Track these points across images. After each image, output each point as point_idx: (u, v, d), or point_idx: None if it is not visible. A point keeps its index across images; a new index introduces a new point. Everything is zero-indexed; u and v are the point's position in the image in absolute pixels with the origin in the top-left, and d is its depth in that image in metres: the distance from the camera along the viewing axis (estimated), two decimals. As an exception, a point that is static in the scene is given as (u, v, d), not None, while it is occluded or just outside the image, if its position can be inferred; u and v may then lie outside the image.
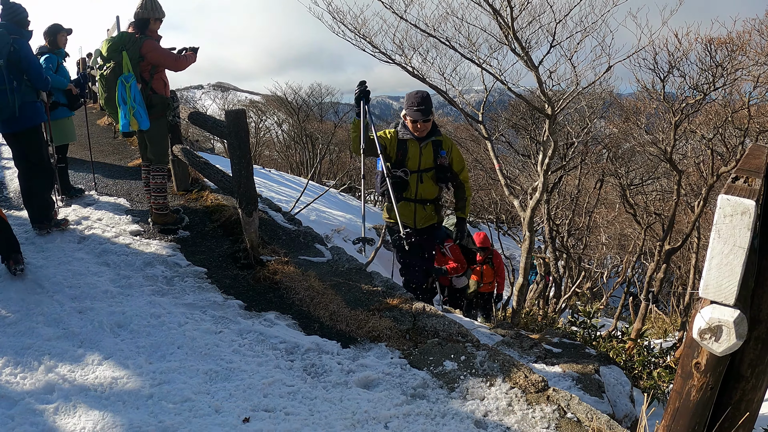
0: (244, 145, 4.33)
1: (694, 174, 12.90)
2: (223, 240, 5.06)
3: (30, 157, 4.73)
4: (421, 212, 4.50)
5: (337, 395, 2.80)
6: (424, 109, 4.25)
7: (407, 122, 4.36)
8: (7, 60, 4.35)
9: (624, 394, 3.69)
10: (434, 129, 4.45)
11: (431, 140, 4.41)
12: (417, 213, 4.50)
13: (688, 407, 1.54)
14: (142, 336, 3.33)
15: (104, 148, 8.91)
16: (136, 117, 4.64)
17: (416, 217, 4.50)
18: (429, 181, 4.43)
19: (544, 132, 7.69)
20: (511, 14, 5.97)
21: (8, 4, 4.55)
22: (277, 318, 3.69)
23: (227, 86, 64.43)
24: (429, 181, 4.43)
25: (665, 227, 11.02)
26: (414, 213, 4.49)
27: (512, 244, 18.84)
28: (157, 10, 4.80)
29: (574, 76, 6.58)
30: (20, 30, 4.53)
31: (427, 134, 4.39)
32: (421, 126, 4.30)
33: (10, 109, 4.43)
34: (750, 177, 1.44)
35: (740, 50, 8.33)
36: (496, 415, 2.65)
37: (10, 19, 4.52)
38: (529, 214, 7.06)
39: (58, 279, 4.06)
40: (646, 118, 11.86)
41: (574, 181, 15.28)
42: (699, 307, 1.41)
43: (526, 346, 4.32)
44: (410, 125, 4.34)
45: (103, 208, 5.72)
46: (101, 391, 2.76)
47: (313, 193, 10.20)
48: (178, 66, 4.94)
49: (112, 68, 4.60)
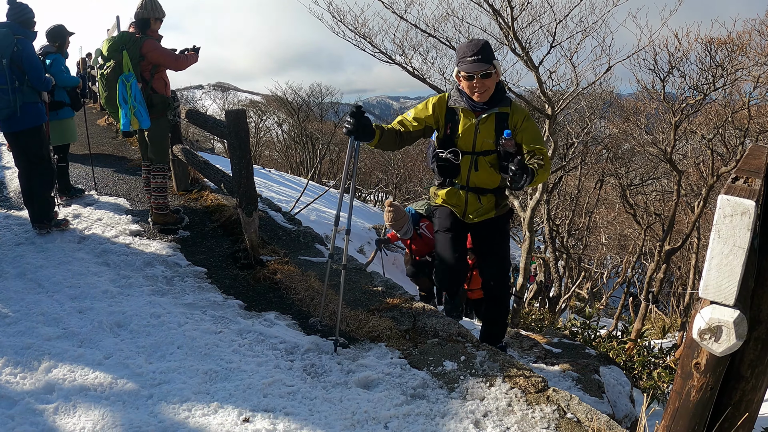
0: (244, 145, 4.33)
1: (694, 174, 12.91)
2: (223, 240, 5.06)
3: (30, 156, 4.75)
4: (475, 204, 3.41)
5: (336, 395, 2.80)
6: (482, 58, 3.06)
7: (461, 83, 3.21)
8: (10, 60, 4.37)
9: (624, 394, 3.68)
10: (500, 95, 3.24)
11: (494, 112, 3.21)
12: (469, 204, 3.42)
13: (687, 407, 1.54)
14: (141, 336, 3.33)
15: (104, 148, 8.91)
16: (137, 116, 4.64)
17: (467, 209, 3.44)
18: (487, 168, 3.28)
19: (544, 132, 7.70)
20: (512, 14, 5.98)
21: (15, 4, 4.57)
22: (277, 318, 3.69)
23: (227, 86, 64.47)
24: (486, 167, 3.28)
25: (665, 227, 11.02)
26: (465, 203, 3.43)
27: (512, 244, 18.84)
28: (158, 10, 4.81)
29: (574, 77, 6.59)
30: (25, 30, 4.55)
31: (490, 101, 3.20)
32: (479, 84, 3.10)
33: (11, 108, 4.45)
34: (750, 177, 1.44)
35: (740, 50, 8.34)
36: (496, 415, 2.65)
37: (15, 19, 4.54)
38: (529, 214, 7.07)
39: (58, 279, 4.06)
40: (646, 118, 11.87)
41: (574, 181, 15.29)
42: (699, 308, 1.41)
43: (525, 346, 4.33)
44: (465, 85, 3.17)
45: (103, 208, 5.72)
46: (101, 391, 2.76)
47: (313, 193, 10.21)
48: (178, 65, 4.95)
49: (113, 68, 4.61)
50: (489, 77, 3.11)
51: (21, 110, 4.50)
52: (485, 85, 3.12)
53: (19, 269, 4.23)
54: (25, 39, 4.48)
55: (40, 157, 4.76)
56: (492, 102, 3.20)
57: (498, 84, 3.23)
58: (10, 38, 4.38)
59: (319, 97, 30.01)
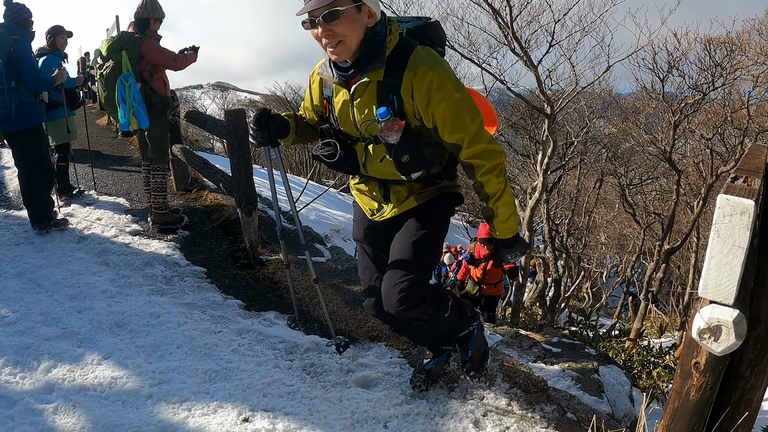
0: (243, 145, 4.33)
1: (694, 174, 12.92)
2: (223, 240, 5.05)
3: (29, 156, 4.75)
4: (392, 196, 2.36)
5: (336, 395, 2.80)
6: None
7: None
8: (6, 60, 4.37)
9: (623, 393, 3.69)
10: (374, 47, 2.03)
11: (369, 80, 2.07)
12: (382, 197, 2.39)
13: (687, 407, 1.54)
14: (141, 335, 3.33)
15: (104, 148, 8.90)
16: (136, 116, 4.64)
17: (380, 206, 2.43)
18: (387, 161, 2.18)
19: (543, 131, 7.70)
20: (511, 14, 5.98)
21: (11, 4, 4.58)
22: (277, 317, 3.69)
23: (227, 86, 64.40)
24: (382, 154, 2.21)
25: (664, 227, 11.03)
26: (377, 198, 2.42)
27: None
28: (157, 10, 4.81)
29: (573, 76, 6.59)
30: (22, 30, 4.56)
31: (358, 61, 2.05)
32: (325, 33, 1.97)
33: (6, 108, 4.46)
34: (749, 177, 1.44)
35: (739, 50, 8.34)
36: (495, 414, 2.65)
37: (12, 20, 4.55)
38: (528, 213, 7.07)
39: (57, 278, 4.06)
40: (645, 117, 11.88)
41: (573, 180, 15.30)
42: (698, 307, 1.41)
43: (525, 345, 4.33)
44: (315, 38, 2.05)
45: (103, 208, 5.72)
46: (101, 391, 2.76)
47: (312, 193, 10.20)
48: (177, 65, 4.94)
49: (112, 68, 4.61)
50: (335, 18, 1.92)
51: (17, 110, 4.51)
52: (335, 33, 1.95)
53: (19, 269, 4.23)
54: (21, 39, 4.49)
55: (39, 157, 4.76)
56: (361, 61, 2.04)
57: (375, 30, 2.03)
58: (6, 39, 4.40)
59: (318, 96, 29.97)
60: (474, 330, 2.74)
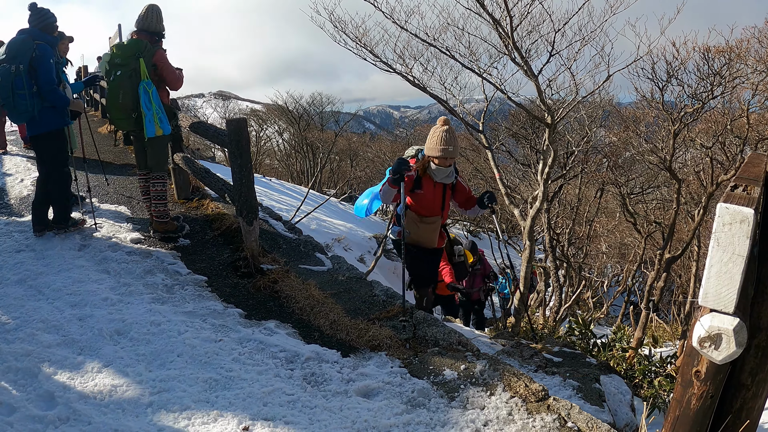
0: (244, 154, 4.35)
1: (694, 182, 12.91)
2: (224, 248, 5.06)
3: (47, 159, 4.85)
4: None
5: (337, 404, 2.79)
6: None
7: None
8: (28, 65, 4.45)
9: (624, 403, 3.67)
10: None
11: None
12: None
13: (688, 416, 1.53)
14: (141, 344, 3.33)
15: (105, 156, 8.92)
16: (159, 123, 4.71)
17: None
18: None
19: (544, 141, 7.71)
20: (511, 24, 6.00)
21: (36, 9, 4.67)
22: (277, 327, 3.68)
23: (228, 95, 64.70)
24: None
25: (665, 236, 11.01)
26: None
27: (512, 253, 18.83)
28: (163, 27, 4.91)
29: (574, 85, 6.61)
30: (45, 35, 4.62)
31: None
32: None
33: (29, 113, 4.55)
34: (749, 185, 1.45)
35: (738, 58, 8.37)
36: (496, 424, 2.64)
37: (36, 25, 4.63)
38: (529, 223, 7.06)
39: (58, 286, 4.06)
40: (645, 126, 11.89)
41: (574, 190, 15.31)
42: (699, 316, 1.41)
43: (526, 355, 4.31)
44: None
45: (104, 216, 5.73)
46: (101, 399, 2.75)
47: (313, 203, 10.22)
48: (176, 84, 4.99)
49: (130, 74, 4.63)
50: None
51: (40, 114, 4.59)
52: None
53: (20, 276, 4.23)
54: (45, 44, 4.56)
55: (55, 161, 4.84)
56: None
57: None
58: (29, 44, 4.47)
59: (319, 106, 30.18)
60: None
